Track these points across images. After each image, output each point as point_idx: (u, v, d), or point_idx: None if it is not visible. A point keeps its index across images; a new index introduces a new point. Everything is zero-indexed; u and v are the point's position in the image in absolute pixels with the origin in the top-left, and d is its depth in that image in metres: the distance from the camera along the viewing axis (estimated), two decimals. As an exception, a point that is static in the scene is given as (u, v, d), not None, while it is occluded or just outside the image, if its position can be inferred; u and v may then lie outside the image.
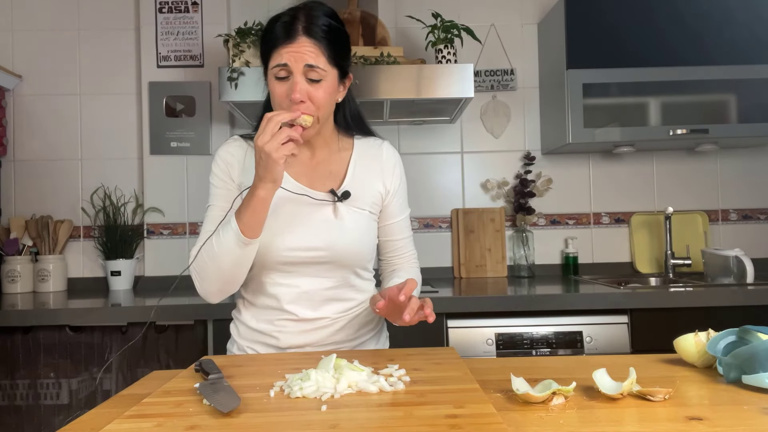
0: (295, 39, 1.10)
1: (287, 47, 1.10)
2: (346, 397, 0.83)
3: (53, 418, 1.87)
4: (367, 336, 1.29)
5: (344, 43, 1.18)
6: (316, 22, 1.11)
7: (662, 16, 2.23)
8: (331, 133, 1.26)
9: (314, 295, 1.21)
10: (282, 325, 1.22)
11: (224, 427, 0.72)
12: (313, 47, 1.10)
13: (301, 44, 1.10)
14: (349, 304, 1.24)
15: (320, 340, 1.22)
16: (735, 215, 2.61)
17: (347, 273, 1.22)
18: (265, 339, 1.23)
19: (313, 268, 1.19)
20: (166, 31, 2.46)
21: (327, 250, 1.18)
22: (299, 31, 1.10)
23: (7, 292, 2.34)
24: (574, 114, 2.22)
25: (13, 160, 2.51)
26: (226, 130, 2.49)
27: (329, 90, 1.14)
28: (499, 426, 0.68)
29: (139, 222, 2.47)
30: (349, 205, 1.21)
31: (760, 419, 0.74)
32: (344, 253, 1.19)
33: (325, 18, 1.13)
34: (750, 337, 0.94)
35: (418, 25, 2.38)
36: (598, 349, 1.87)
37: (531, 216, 2.53)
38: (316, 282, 1.20)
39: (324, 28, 1.12)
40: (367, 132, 1.31)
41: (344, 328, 1.24)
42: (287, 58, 1.10)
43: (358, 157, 1.27)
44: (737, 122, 2.22)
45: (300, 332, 1.22)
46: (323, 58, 1.11)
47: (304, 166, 1.24)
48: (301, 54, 1.09)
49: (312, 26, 1.11)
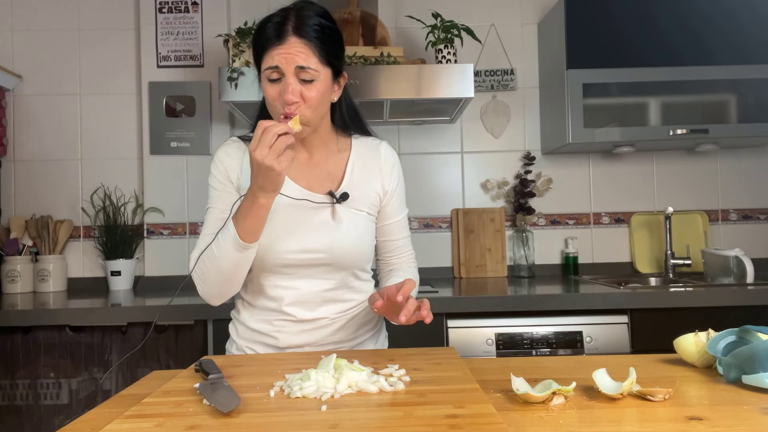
0: (286, 40, 1.09)
1: (278, 49, 1.10)
2: (346, 397, 0.83)
3: (53, 418, 1.87)
4: (366, 336, 1.29)
5: (337, 41, 1.17)
6: (306, 22, 1.11)
7: (662, 16, 2.23)
8: (328, 134, 1.26)
9: (313, 296, 1.21)
10: (281, 325, 1.22)
11: (224, 427, 0.72)
12: (303, 48, 1.10)
13: (292, 45, 1.09)
14: (347, 305, 1.24)
15: (319, 340, 1.23)
16: (735, 215, 2.61)
17: (346, 274, 1.23)
18: (264, 339, 1.23)
19: (312, 270, 1.20)
20: (166, 31, 2.46)
21: (326, 253, 1.18)
22: (289, 32, 1.10)
23: (7, 292, 2.34)
24: (574, 114, 2.22)
25: (13, 160, 2.51)
26: (226, 130, 2.49)
27: (322, 90, 1.13)
28: (499, 426, 0.68)
29: (139, 222, 2.47)
30: (347, 207, 1.21)
31: (760, 419, 0.74)
32: (343, 255, 1.19)
33: (316, 18, 1.13)
34: (750, 337, 0.94)
35: (418, 25, 2.38)
36: (598, 349, 1.87)
37: (531, 216, 2.53)
38: (315, 284, 1.21)
39: (315, 27, 1.11)
40: (364, 131, 1.31)
41: (343, 328, 1.24)
42: (278, 60, 1.09)
43: (356, 158, 1.27)
44: (737, 122, 2.22)
45: (299, 332, 1.22)
46: (314, 58, 1.11)
47: (302, 168, 1.24)
48: (292, 55, 1.09)
49: (302, 26, 1.10)
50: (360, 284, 1.26)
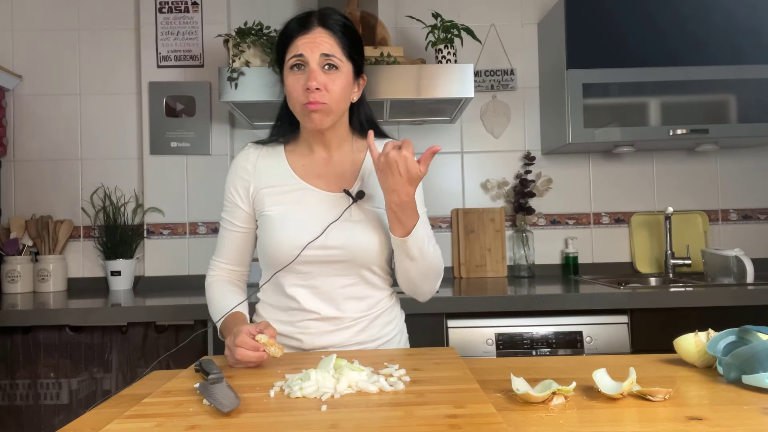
0: (311, 29, 1.14)
1: (303, 38, 1.14)
2: (346, 397, 0.83)
3: (53, 418, 1.87)
4: (389, 336, 1.28)
5: (358, 40, 1.22)
6: (331, 17, 1.17)
7: (662, 16, 2.23)
8: (346, 133, 1.28)
9: (332, 293, 1.21)
10: (304, 326, 1.22)
11: (224, 427, 0.72)
12: (328, 37, 1.15)
13: (317, 34, 1.14)
14: (369, 302, 1.24)
15: (344, 341, 1.22)
16: (735, 215, 2.61)
17: (363, 271, 1.22)
18: (288, 341, 1.23)
19: (330, 267, 1.20)
20: (166, 31, 2.46)
21: (342, 249, 1.19)
22: (314, 23, 1.15)
23: (7, 292, 2.34)
24: (574, 114, 2.22)
25: (13, 160, 2.51)
26: (226, 130, 2.49)
27: (345, 83, 1.17)
28: (499, 426, 0.68)
29: (139, 222, 2.47)
30: (364, 205, 1.22)
31: (760, 419, 0.74)
32: (359, 252, 1.20)
33: (339, 16, 1.19)
34: (750, 337, 0.94)
35: (418, 25, 2.38)
36: (598, 349, 1.87)
37: (531, 216, 2.53)
38: (333, 281, 1.21)
39: (339, 22, 1.17)
40: (381, 134, 1.32)
41: (367, 328, 1.24)
42: (303, 48, 1.13)
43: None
44: (737, 122, 2.22)
45: (323, 333, 1.21)
46: (339, 48, 1.15)
47: (320, 167, 1.26)
48: (317, 43, 1.13)
49: (327, 19, 1.16)
50: (379, 281, 1.26)
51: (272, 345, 0.98)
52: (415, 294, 1.26)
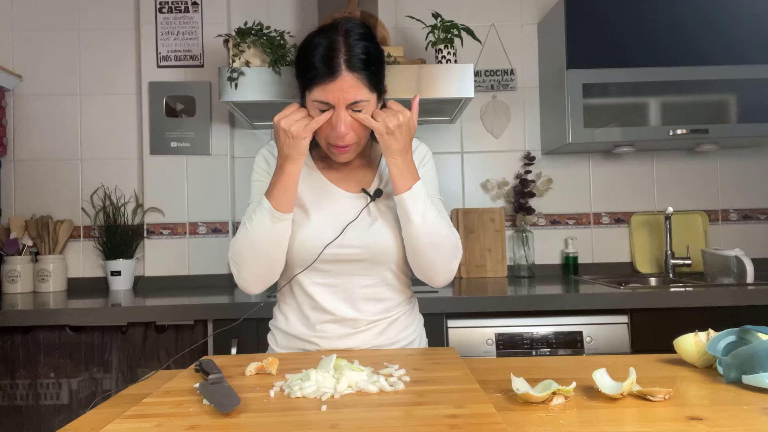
0: (338, 75, 1.09)
1: (330, 85, 1.10)
2: (346, 397, 0.83)
3: (53, 418, 1.87)
4: (408, 340, 1.27)
5: (381, 63, 1.20)
6: (355, 52, 1.11)
7: (662, 17, 2.23)
8: (366, 143, 1.27)
9: (351, 293, 1.21)
10: (321, 329, 1.21)
11: (224, 427, 0.72)
12: (355, 81, 1.11)
13: (344, 80, 1.10)
14: (387, 305, 1.23)
15: (361, 345, 1.21)
16: (735, 215, 2.61)
17: (383, 270, 1.22)
18: (305, 345, 1.22)
19: (349, 266, 1.20)
20: (166, 31, 2.46)
21: (361, 248, 1.18)
22: (341, 66, 1.10)
23: (7, 292, 2.34)
24: (574, 114, 2.22)
25: (13, 160, 2.51)
26: (226, 130, 2.49)
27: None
28: (499, 426, 0.68)
29: (139, 222, 2.47)
30: (382, 204, 1.22)
31: (760, 419, 0.74)
32: (378, 251, 1.19)
33: (362, 44, 1.14)
34: (750, 337, 0.94)
35: (418, 25, 2.38)
36: (598, 349, 1.87)
37: (531, 216, 2.53)
38: (352, 280, 1.21)
39: (362, 57, 1.12)
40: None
41: (385, 331, 1.23)
42: (331, 98, 1.11)
43: None
44: (737, 122, 2.22)
45: (341, 336, 1.21)
46: (365, 89, 1.12)
47: (339, 170, 1.27)
48: (344, 92, 1.10)
49: (352, 58, 1.11)
50: (398, 284, 1.26)
51: (272, 366, 0.99)
52: (429, 275, 1.21)
